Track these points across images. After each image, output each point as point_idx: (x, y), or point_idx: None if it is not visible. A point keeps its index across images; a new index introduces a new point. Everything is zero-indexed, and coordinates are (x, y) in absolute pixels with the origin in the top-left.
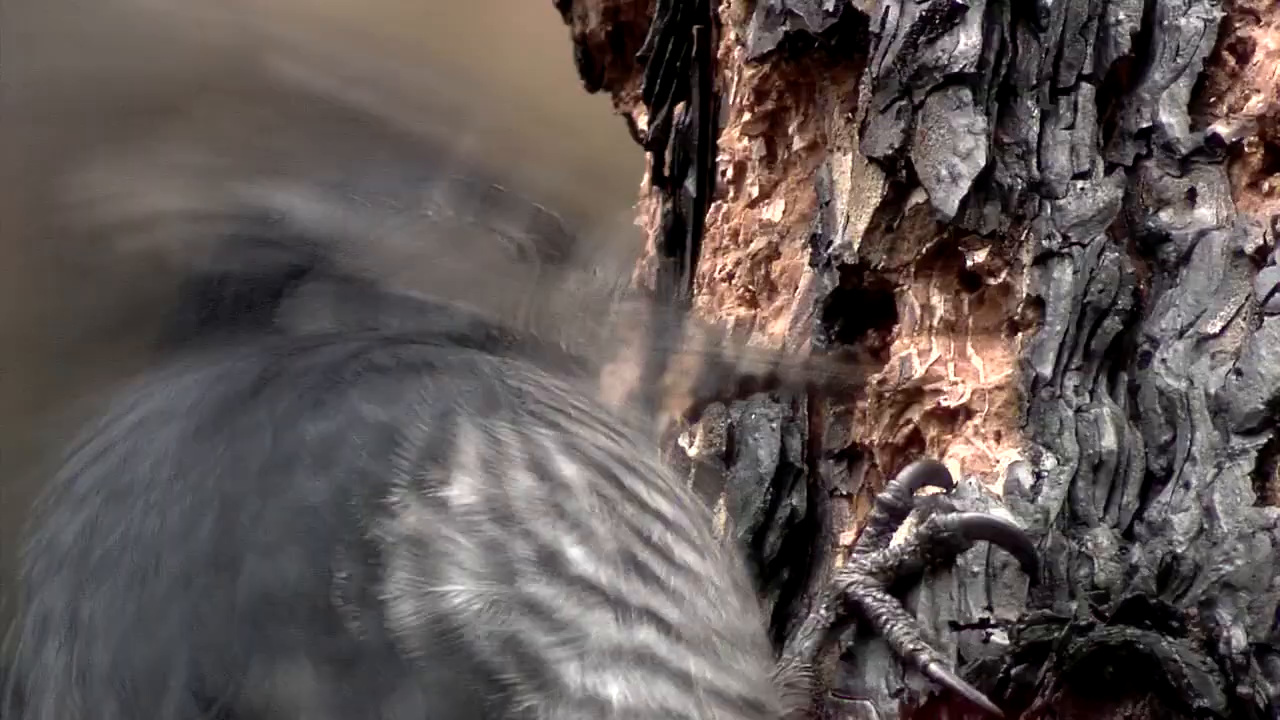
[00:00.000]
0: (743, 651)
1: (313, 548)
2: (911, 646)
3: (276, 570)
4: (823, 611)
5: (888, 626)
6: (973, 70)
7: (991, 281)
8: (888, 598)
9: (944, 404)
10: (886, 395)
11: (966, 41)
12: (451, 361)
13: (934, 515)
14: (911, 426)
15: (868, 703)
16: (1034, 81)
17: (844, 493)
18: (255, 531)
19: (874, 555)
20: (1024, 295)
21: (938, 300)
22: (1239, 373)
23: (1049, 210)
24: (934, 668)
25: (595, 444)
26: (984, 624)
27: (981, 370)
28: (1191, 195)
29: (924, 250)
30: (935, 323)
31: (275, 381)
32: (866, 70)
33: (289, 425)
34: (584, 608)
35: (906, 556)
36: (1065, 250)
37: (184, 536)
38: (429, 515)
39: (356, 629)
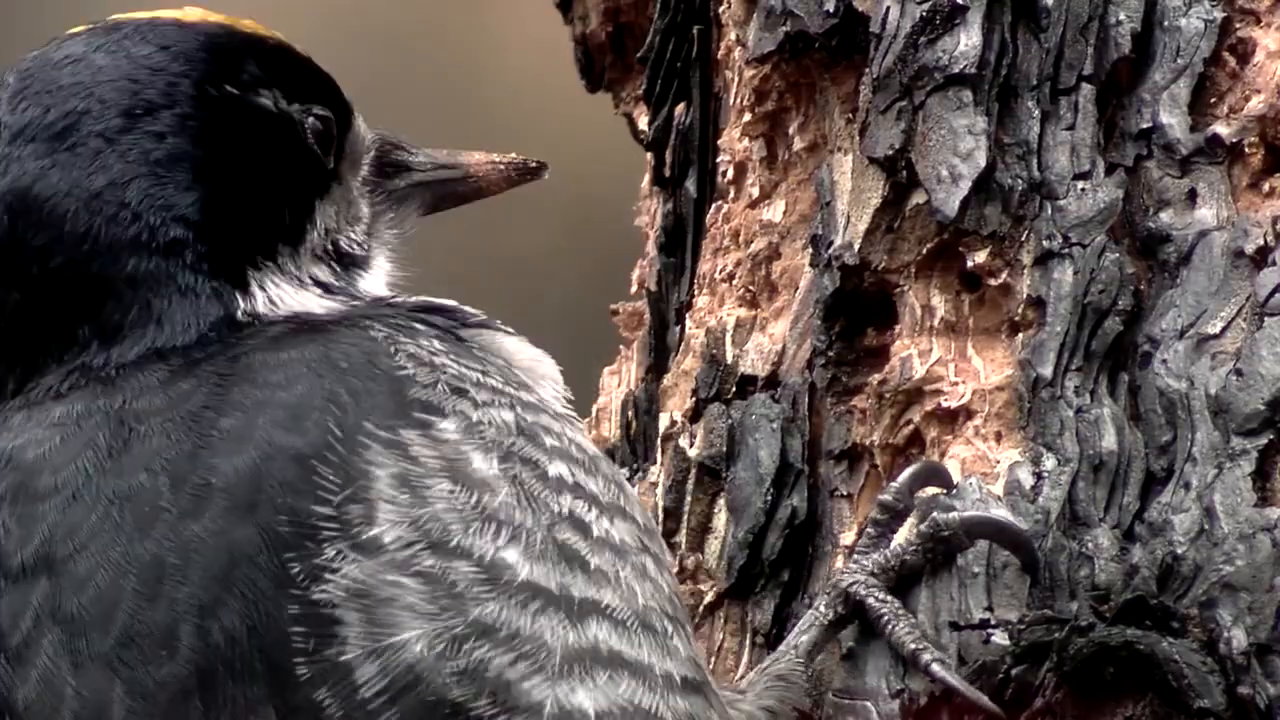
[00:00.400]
0: (672, 622)
1: (256, 600)
2: (914, 647)
3: (222, 630)
4: (822, 608)
5: (890, 627)
6: (973, 71)
7: (992, 282)
8: (889, 598)
9: (944, 404)
10: (887, 396)
11: (967, 42)
12: (350, 352)
13: (935, 514)
14: (912, 427)
15: (868, 703)
16: (1034, 82)
17: (844, 493)
18: (184, 592)
19: (875, 555)
20: (1024, 296)
21: (938, 301)
22: (1239, 373)
23: (1049, 211)
24: (936, 668)
25: (500, 421)
26: (984, 624)
27: (982, 371)
28: (1192, 196)
29: (924, 251)
30: (936, 323)
31: (138, 425)
32: (867, 71)
33: (185, 463)
34: (533, 615)
35: (908, 556)
36: (1066, 251)
37: (105, 618)
38: (367, 561)
39: (325, 695)
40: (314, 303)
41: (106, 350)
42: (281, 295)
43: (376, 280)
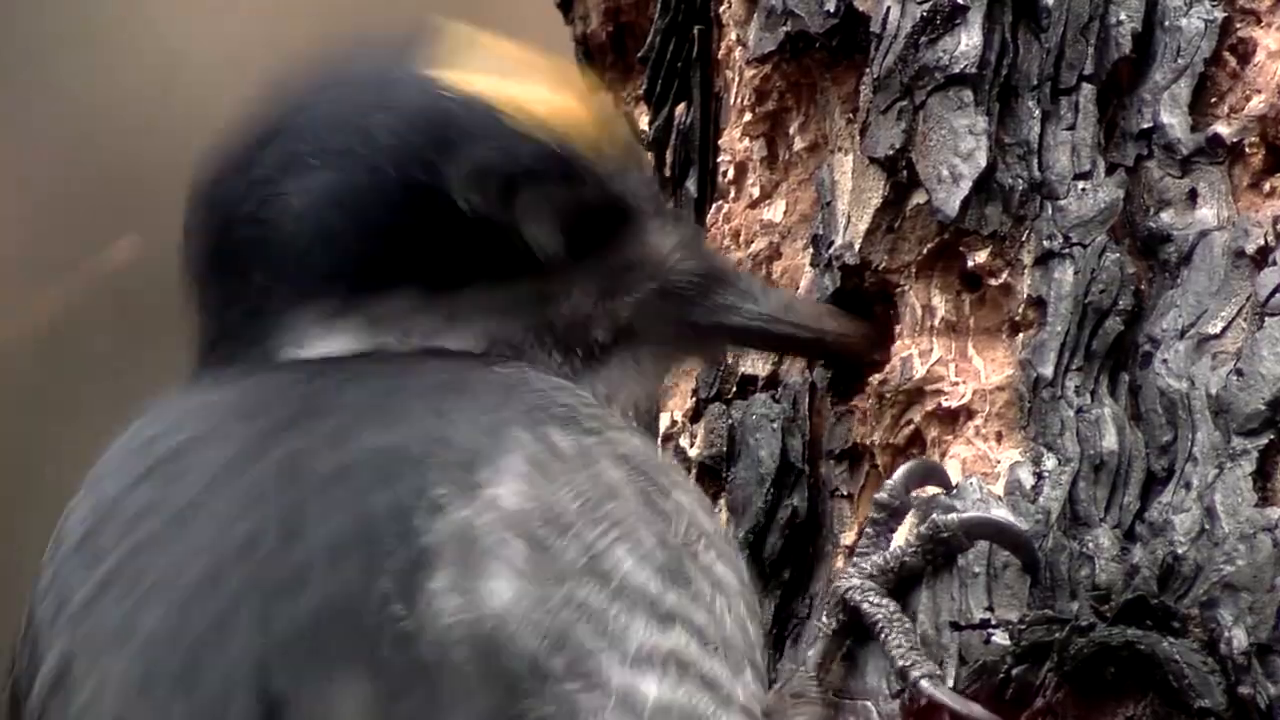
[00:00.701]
0: (748, 661)
1: (372, 555)
2: (903, 662)
3: (340, 580)
4: (825, 618)
5: (884, 634)
6: (974, 71)
7: (992, 282)
8: (886, 602)
9: (945, 404)
10: (887, 396)
11: (967, 42)
12: (504, 375)
13: (935, 515)
14: (912, 427)
15: (869, 703)
16: (1035, 82)
17: (845, 493)
18: (319, 541)
19: (874, 558)
20: (1025, 296)
21: (939, 301)
22: (1240, 373)
23: (1050, 211)
24: (924, 684)
25: (637, 451)
26: (985, 624)
27: (982, 371)
28: (1192, 196)
29: (925, 251)
30: (936, 323)
31: (319, 405)
32: (867, 71)
33: (344, 440)
34: (626, 608)
35: (907, 558)
36: (1066, 251)
37: (247, 549)
38: (478, 511)
39: (404, 629)
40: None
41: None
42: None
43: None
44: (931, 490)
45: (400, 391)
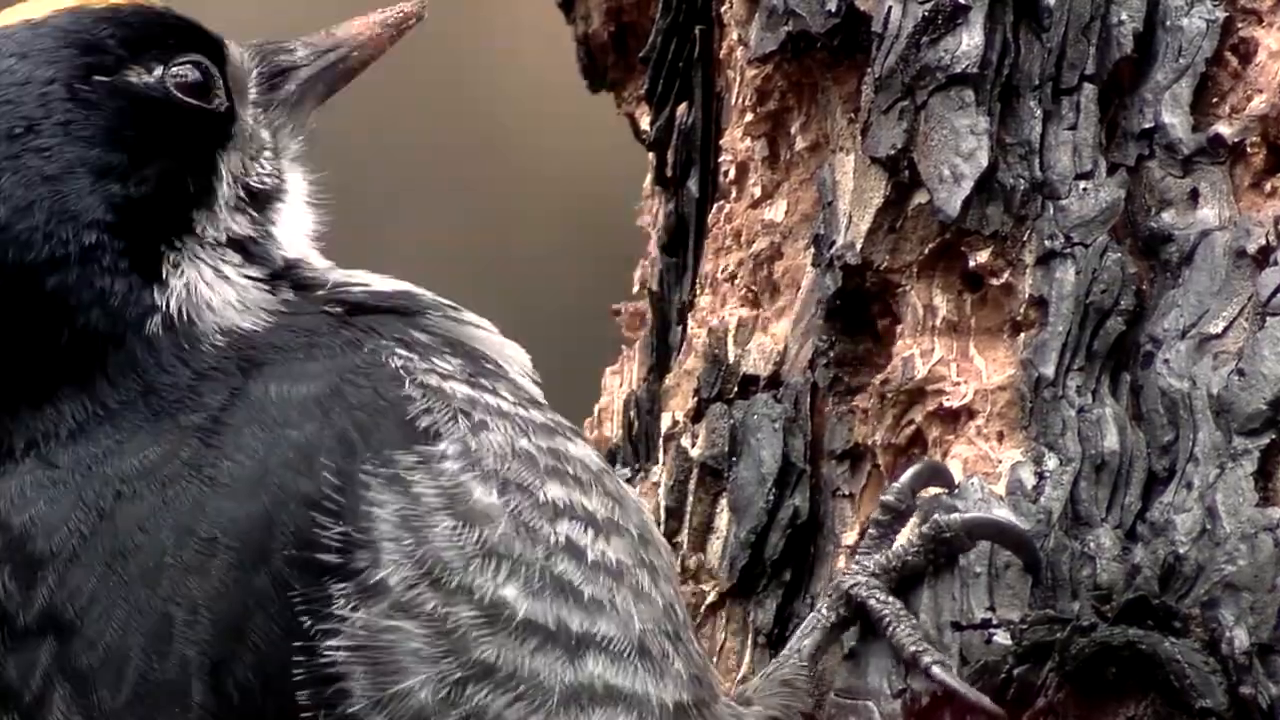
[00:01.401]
0: (670, 639)
1: (270, 652)
2: (914, 649)
3: (235, 684)
4: (824, 611)
5: (891, 628)
6: (975, 71)
7: (994, 282)
8: (891, 599)
9: (946, 404)
10: (889, 396)
11: (969, 42)
12: (360, 384)
13: (937, 515)
14: (914, 427)
15: (870, 703)
16: (1036, 82)
17: (846, 493)
18: (195, 647)
19: (877, 557)
20: (1026, 295)
21: (940, 300)
22: (1241, 373)
23: (1051, 210)
24: (937, 670)
25: (496, 445)
26: (986, 624)
27: (984, 370)
28: (1194, 195)
29: (926, 250)
30: (938, 323)
31: (123, 483)
32: (869, 70)
33: (189, 514)
34: (531, 654)
35: (910, 557)
36: (1068, 250)
37: (116, 676)
38: (373, 608)
39: None
40: (231, 294)
41: (79, 397)
42: (202, 277)
43: (295, 207)
44: (935, 491)
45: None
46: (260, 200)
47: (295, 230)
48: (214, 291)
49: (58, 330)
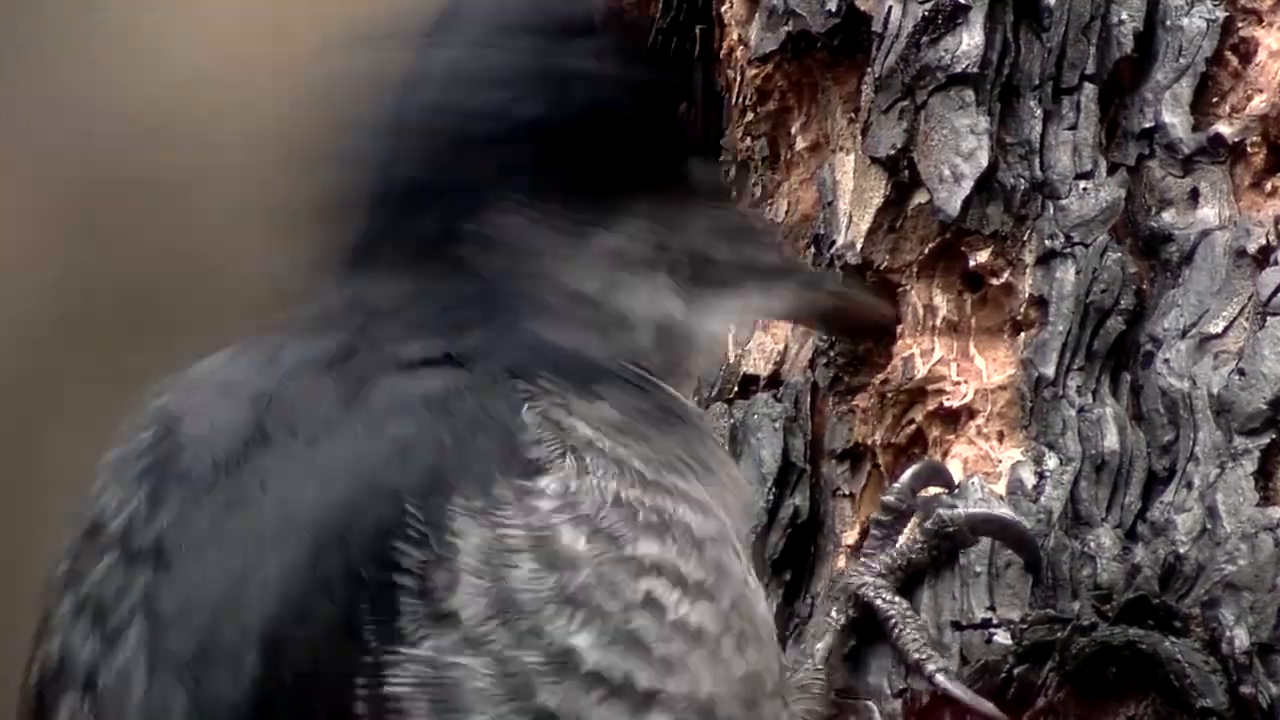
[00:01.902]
0: (745, 704)
1: (328, 639)
2: (918, 656)
3: (290, 664)
4: (833, 613)
5: (897, 630)
6: (975, 70)
7: (994, 281)
8: (898, 600)
9: (947, 404)
10: (889, 395)
11: (969, 41)
12: (473, 404)
13: (939, 510)
14: (914, 427)
15: (871, 703)
16: (1036, 81)
17: (846, 493)
18: (258, 615)
19: (882, 557)
20: (1026, 295)
21: (940, 300)
22: (1241, 373)
23: (1051, 210)
24: (940, 678)
25: (604, 497)
26: (987, 624)
27: (984, 370)
28: (1194, 195)
29: (926, 250)
30: (938, 323)
31: (274, 426)
32: (869, 70)
33: (288, 491)
34: (595, 705)
35: (913, 554)
36: (1068, 250)
37: (185, 624)
38: (439, 640)
39: None
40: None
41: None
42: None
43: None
44: (935, 490)
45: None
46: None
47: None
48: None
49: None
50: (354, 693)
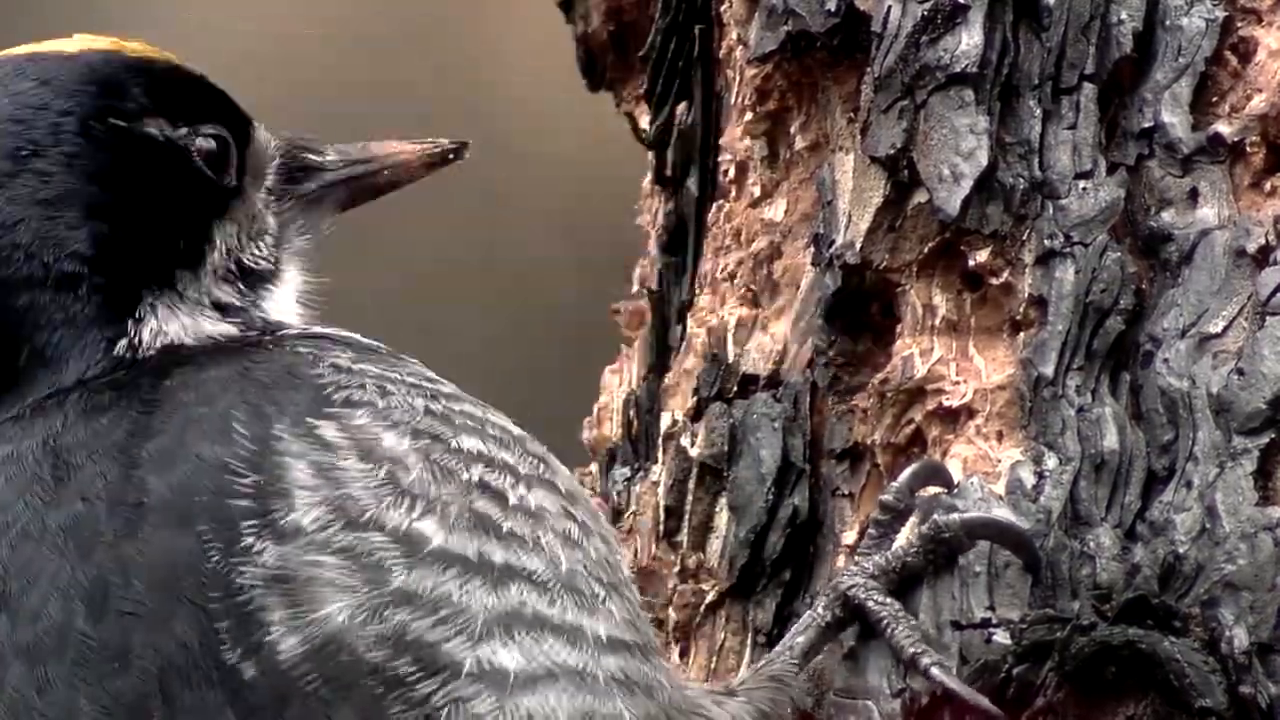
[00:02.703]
0: (605, 586)
1: (203, 606)
2: (913, 651)
3: (173, 639)
4: (820, 610)
5: (889, 629)
6: (975, 70)
7: (993, 281)
8: (889, 600)
9: (946, 404)
10: (888, 395)
11: (968, 41)
12: (270, 367)
13: (936, 515)
14: (913, 426)
15: (870, 702)
16: (1036, 81)
17: (846, 492)
18: (130, 606)
19: (876, 558)
20: (1026, 295)
21: (940, 300)
22: (1241, 372)
23: (1051, 210)
24: (935, 671)
25: (413, 408)
26: (986, 624)
27: (983, 370)
28: (1193, 195)
29: (926, 250)
30: (937, 322)
31: (70, 456)
32: (868, 70)
33: (119, 486)
34: (452, 581)
35: (909, 558)
36: (1067, 250)
37: (60, 642)
38: (287, 547)
39: (256, 676)
40: (208, 327)
41: (22, 389)
42: (174, 322)
43: (286, 294)
44: (934, 490)
45: (157, 412)
46: (251, 278)
47: (283, 308)
48: (186, 326)
49: (19, 342)
50: (221, 628)
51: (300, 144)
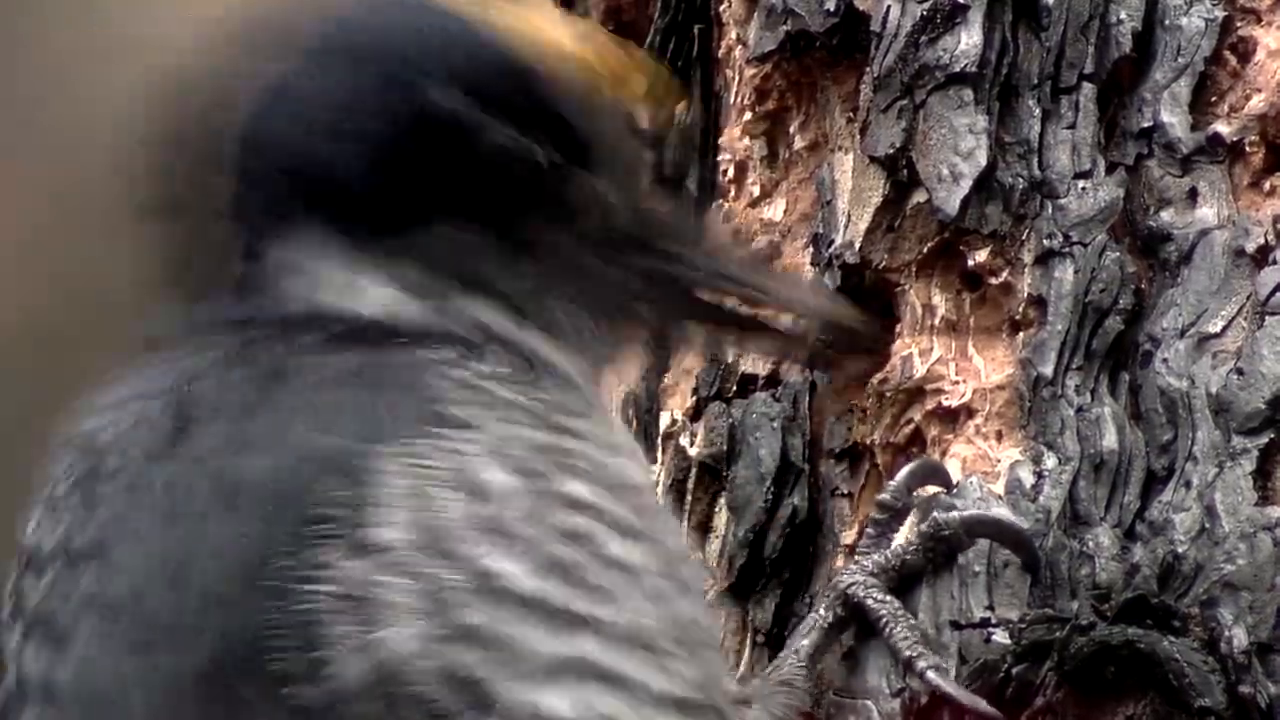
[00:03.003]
0: (683, 646)
1: (275, 601)
2: (909, 653)
3: (242, 628)
4: (822, 611)
5: (888, 629)
6: (974, 70)
7: (993, 281)
8: (889, 599)
9: (945, 403)
10: (888, 395)
11: (968, 41)
12: (386, 369)
13: (935, 513)
14: (913, 426)
15: (869, 702)
16: (1035, 81)
17: (845, 492)
18: (207, 586)
19: (875, 556)
20: (1025, 295)
21: (939, 300)
22: (1240, 372)
23: (1050, 210)
24: (931, 675)
25: (521, 439)
26: (985, 623)
27: (983, 370)
28: (1193, 194)
29: (925, 250)
30: (937, 322)
31: (196, 414)
32: (868, 70)
33: (223, 464)
34: (518, 624)
35: (908, 556)
36: (1066, 250)
37: (136, 606)
38: (361, 561)
39: (311, 691)
40: (379, 296)
41: (221, 298)
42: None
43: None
44: (932, 489)
45: (279, 394)
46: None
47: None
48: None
49: (257, 239)
50: (288, 634)
51: (663, 216)
